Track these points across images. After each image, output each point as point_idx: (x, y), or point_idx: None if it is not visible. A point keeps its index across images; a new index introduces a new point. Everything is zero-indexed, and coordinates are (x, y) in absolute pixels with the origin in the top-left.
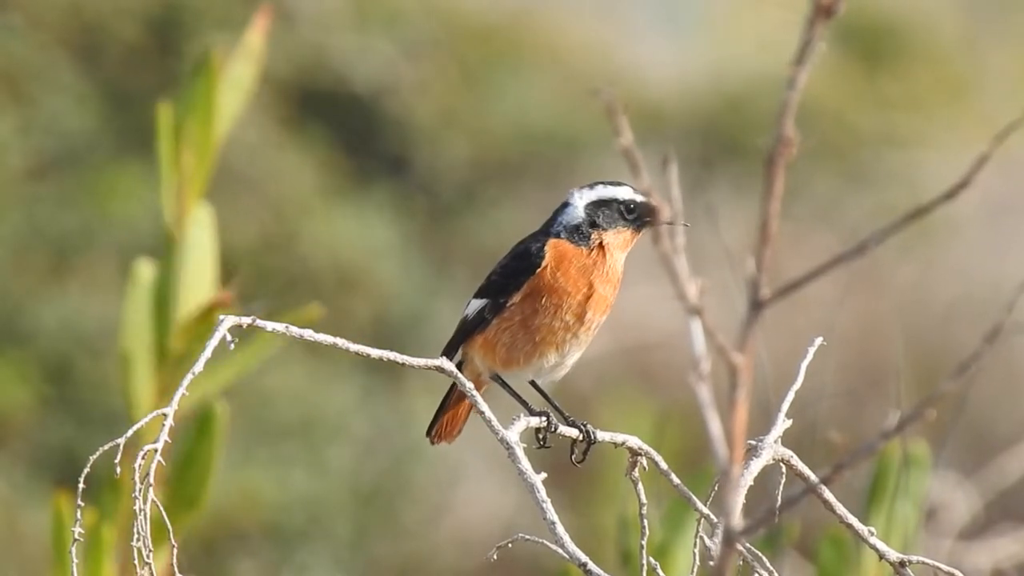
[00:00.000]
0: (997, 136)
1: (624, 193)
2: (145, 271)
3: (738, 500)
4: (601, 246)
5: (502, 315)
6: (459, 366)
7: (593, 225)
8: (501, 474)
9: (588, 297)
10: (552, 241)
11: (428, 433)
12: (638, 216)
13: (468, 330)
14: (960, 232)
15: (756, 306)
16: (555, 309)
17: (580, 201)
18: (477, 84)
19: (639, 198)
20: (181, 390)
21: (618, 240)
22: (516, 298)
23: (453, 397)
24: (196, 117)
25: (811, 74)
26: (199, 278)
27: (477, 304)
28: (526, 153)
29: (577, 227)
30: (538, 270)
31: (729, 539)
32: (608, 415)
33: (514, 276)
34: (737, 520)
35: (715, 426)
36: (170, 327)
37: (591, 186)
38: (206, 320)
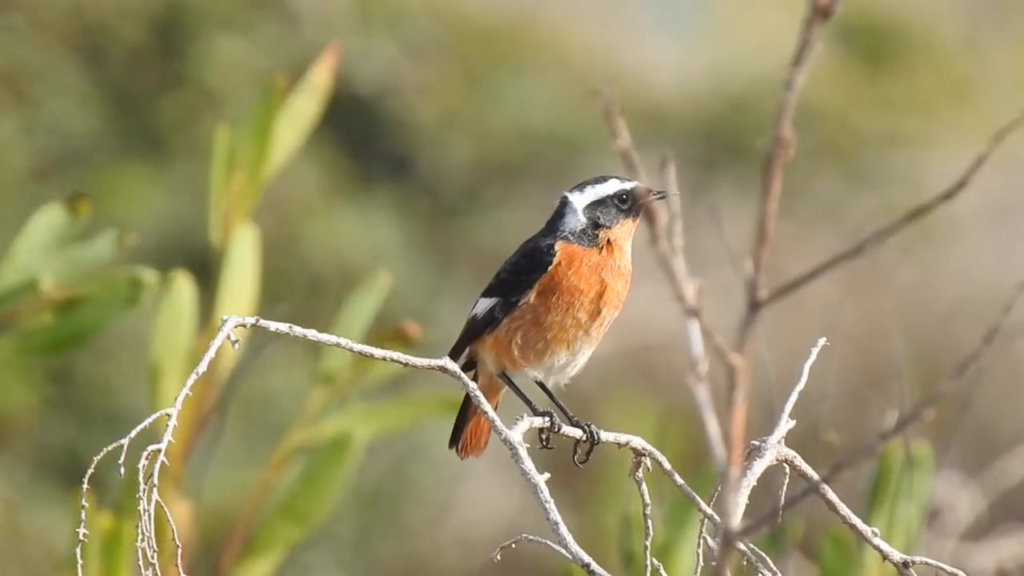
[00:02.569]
0: (995, 136)
1: (613, 186)
2: (182, 283)
3: (737, 500)
4: (610, 243)
5: (513, 313)
6: (469, 367)
7: (597, 226)
8: (504, 474)
9: (601, 294)
10: (560, 242)
11: (452, 445)
12: (632, 203)
13: (478, 329)
14: (962, 233)
15: (754, 306)
16: (567, 307)
17: (576, 207)
18: (480, 85)
19: (628, 186)
20: (185, 390)
21: (623, 232)
22: (528, 296)
23: (471, 406)
24: (253, 142)
25: (813, 75)
26: (239, 296)
27: (487, 303)
28: (529, 154)
29: (582, 231)
30: (550, 267)
31: (728, 539)
32: (611, 415)
33: (526, 274)
34: (737, 520)
35: (713, 427)
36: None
37: (580, 189)
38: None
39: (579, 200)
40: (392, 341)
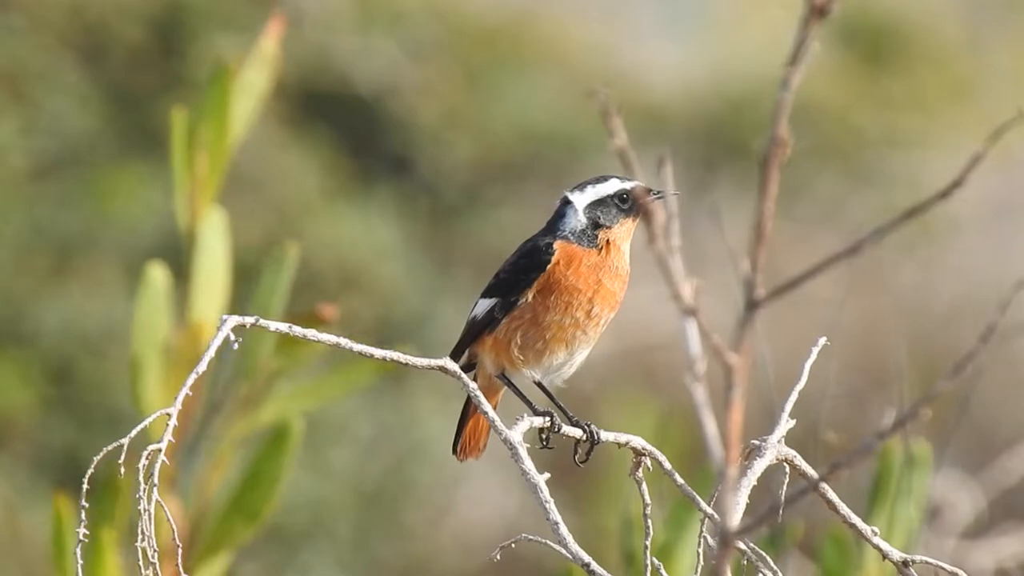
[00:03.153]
0: (992, 134)
1: (613, 186)
2: (156, 274)
3: (735, 500)
4: (608, 243)
5: (512, 313)
6: (469, 369)
7: (596, 226)
8: (504, 474)
9: (598, 293)
10: (560, 242)
11: (454, 450)
12: (632, 203)
13: (477, 330)
14: (962, 232)
15: (752, 306)
16: (566, 306)
17: (576, 207)
18: (480, 85)
19: (628, 185)
20: (184, 390)
21: (622, 232)
22: (527, 295)
23: (471, 408)
24: (210, 122)
25: (813, 75)
26: (212, 280)
27: (486, 303)
28: (529, 154)
29: (582, 231)
30: (548, 266)
31: (726, 538)
32: (611, 415)
33: (524, 273)
34: (736, 520)
35: (711, 426)
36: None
37: (580, 189)
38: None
39: (579, 200)
40: (310, 322)
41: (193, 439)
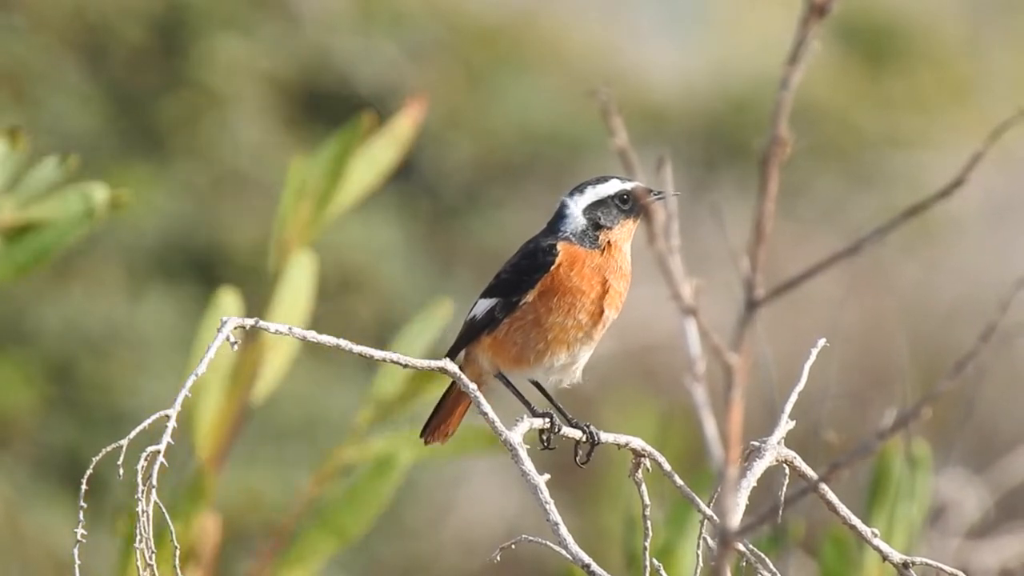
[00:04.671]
0: (992, 134)
1: (614, 187)
2: (228, 299)
3: (735, 501)
4: (610, 244)
5: (514, 314)
6: (460, 367)
7: (597, 227)
8: (504, 475)
9: (602, 295)
10: (562, 243)
11: (423, 433)
12: (633, 204)
13: (477, 330)
14: (963, 232)
15: (751, 306)
16: (569, 308)
17: (577, 208)
18: (481, 85)
19: (628, 186)
20: (184, 391)
21: (623, 233)
22: (529, 296)
23: (451, 398)
24: (326, 175)
25: (814, 75)
26: (290, 317)
27: (486, 304)
28: (530, 154)
29: (583, 232)
30: (551, 267)
31: (726, 539)
32: (611, 416)
33: (527, 274)
34: (736, 520)
35: (710, 427)
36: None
37: (580, 190)
38: None
39: (580, 201)
40: None
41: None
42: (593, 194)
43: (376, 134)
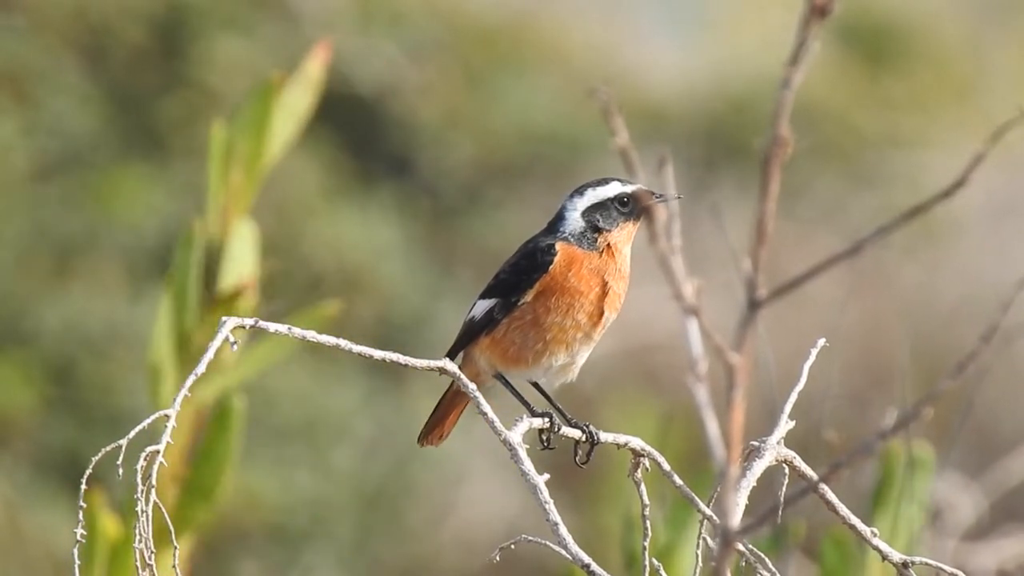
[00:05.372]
0: (993, 134)
1: (614, 189)
2: (180, 280)
3: (736, 500)
4: (609, 247)
5: (512, 314)
6: (458, 367)
7: (596, 229)
8: (505, 475)
9: (601, 296)
10: (561, 244)
11: (419, 437)
12: (633, 206)
13: (476, 331)
14: (964, 233)
15: (753, 306)
16: (567, 308)
17: (575, 211)
18: (481, 85)
19: (629, 189)
20: (183, 391)
21: (622, 236)
22: (528, 296)
23: (447, 399)
24: (248, 138)
25: (814, 75)
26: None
27: (485, 304)
28: (530, 154)
29: (582, 234)
30: (550, 267)
31: (727, 539)
32: (611, 416)
33: (526, 274)
34: (736, 520)
35: (713, 427)
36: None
37: (580, 192)
38: (230, 306)
39: (579, 203)
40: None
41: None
42: (592, 196)
43: (289, 84)
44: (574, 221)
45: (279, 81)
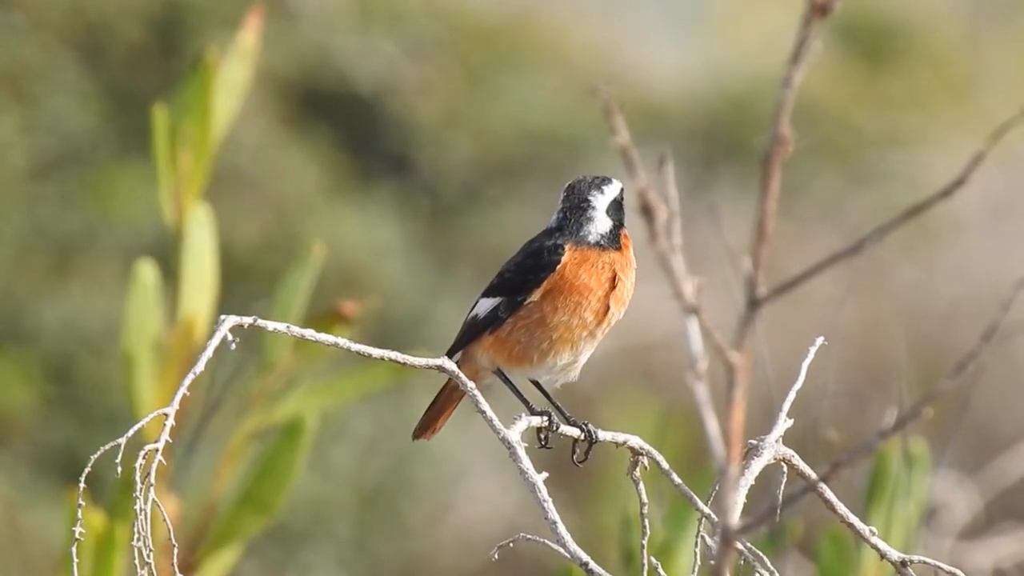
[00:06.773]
0: (993, 134)
1: (618, 186)
2: (146, 271)
3: (736, 499)
4: (626, 239)
5: (519, 313)
6: (457, 363)
7: (619, 225)
8: (503, 473)
9: (609, 292)
10: (569, 242)
11: (415, 432)
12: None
13: (479, 329)
14: (962, 232)
15: (753, 305)
16: (575, 307)
17: (599, 210)
18: (480, 84)
19: (618, 185)
20: (182, 390)
21: (627, 230)
22: (535, 295)
23: (443, 395)
24: (192, 117)
25: (814, 74)
26: (200, 277)
27: (489, 303)
28: (529, 153)
29: (611, 233)
30: (558, 267)
31: (727, 538)
32: (611, 415)
33: (532, 273)
34: (735, 519)
35: (712, 425)
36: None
37: (600, 190)
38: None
39: (599, 203)
40: (330, 321)
41: (192, 436)
42: (610, 193)
43: (224, 58)
44: (603, 221)
45: (215, 57)
